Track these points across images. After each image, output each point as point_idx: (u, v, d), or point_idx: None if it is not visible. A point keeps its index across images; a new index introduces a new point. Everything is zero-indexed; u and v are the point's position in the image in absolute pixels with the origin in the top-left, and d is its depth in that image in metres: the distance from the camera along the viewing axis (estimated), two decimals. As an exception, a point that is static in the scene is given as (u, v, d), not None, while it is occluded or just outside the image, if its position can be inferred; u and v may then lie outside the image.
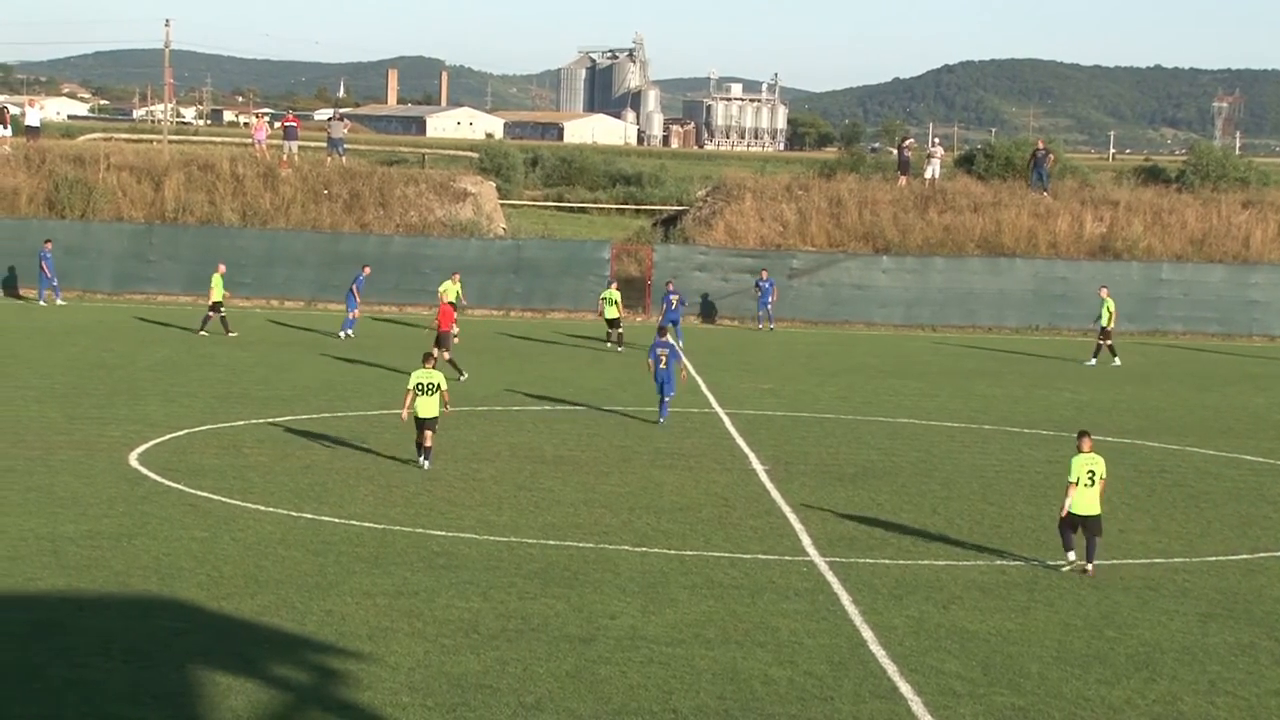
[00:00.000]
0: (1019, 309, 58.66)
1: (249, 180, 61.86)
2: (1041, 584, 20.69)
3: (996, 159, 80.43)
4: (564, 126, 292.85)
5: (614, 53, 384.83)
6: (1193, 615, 19.40)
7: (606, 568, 20.74)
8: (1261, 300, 59.08)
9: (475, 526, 22.93)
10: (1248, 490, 27.96)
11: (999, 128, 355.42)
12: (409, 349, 45.71)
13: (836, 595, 19.77)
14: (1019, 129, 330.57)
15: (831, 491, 26.46)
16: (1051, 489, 27.38)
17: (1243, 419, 37.23)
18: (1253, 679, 16.96)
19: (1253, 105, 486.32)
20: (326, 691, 15.63)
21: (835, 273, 58.54)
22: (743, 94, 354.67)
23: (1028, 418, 35.98)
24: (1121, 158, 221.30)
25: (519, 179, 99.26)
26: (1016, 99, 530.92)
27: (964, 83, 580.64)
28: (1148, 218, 62.71)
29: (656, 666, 16.61)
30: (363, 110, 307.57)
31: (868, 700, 15.82)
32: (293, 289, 57.98)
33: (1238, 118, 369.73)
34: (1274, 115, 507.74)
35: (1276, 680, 16.95)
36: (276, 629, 17.57)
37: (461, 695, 15.52)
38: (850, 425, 34.10)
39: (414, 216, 62.28)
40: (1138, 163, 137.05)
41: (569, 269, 59.27)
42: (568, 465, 28.06)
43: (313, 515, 23.24)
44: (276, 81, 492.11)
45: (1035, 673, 16.87)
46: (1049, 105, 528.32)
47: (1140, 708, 15.95)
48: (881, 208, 62.42)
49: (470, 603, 18.80)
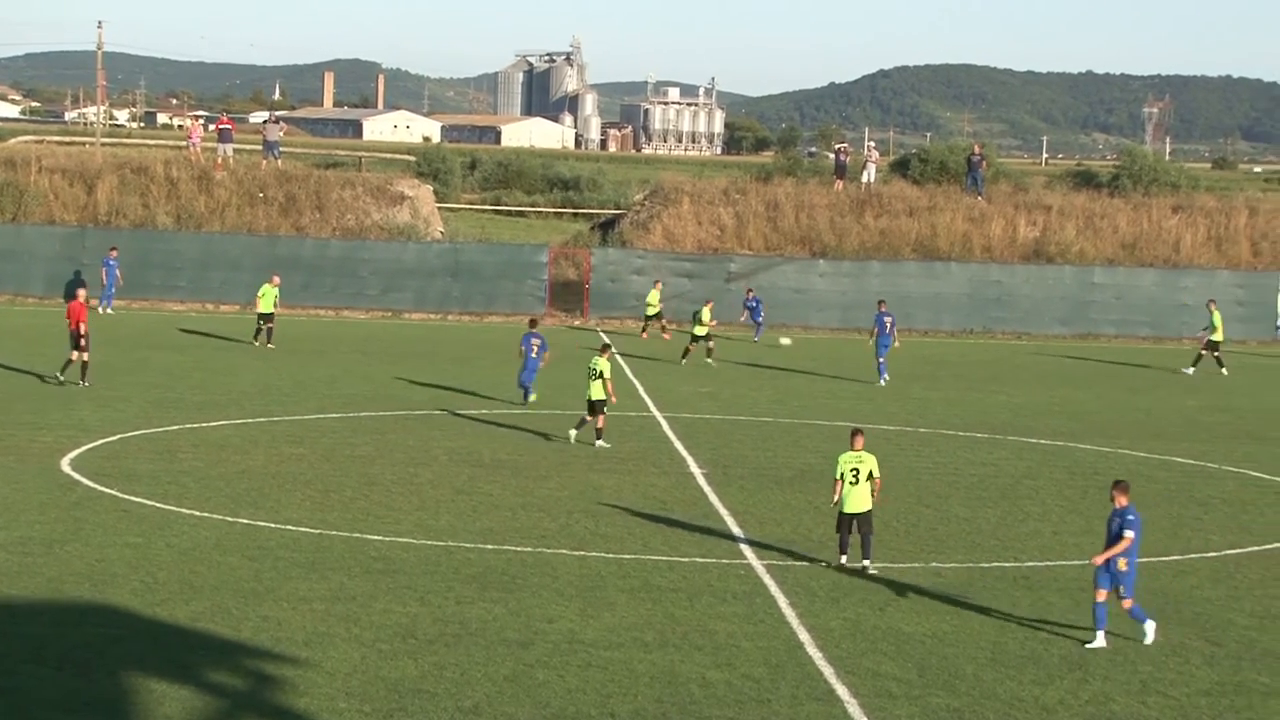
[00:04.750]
0: (954, 312, 59.07)
1: (183, 183, 61.42)
2: (976, 586, 20.84)
3: (931, 163, 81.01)
4: (501, 130, 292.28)
5: (551, 56, 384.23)
6: (1125, 616, 19.57)
7: (544, 572, 20.71)
8: (1192, 304, 59.61)
9: (413, 531, 22.85)
10: (1178, 492, 28.26)
11: (934, 132, 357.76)
12: (345, 353, 45.55)
13: (774, 598, 19.84)
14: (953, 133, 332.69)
15: (769, 495, 26.54)
16: (987, 491, 27.62)
17: (1174, 421, 37.64)
18: (1183, 679, 17.15)
19: (1182, 110, 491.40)
20: (262, 697, 15.53)
21: (772, 276, 58.74)
22: (680, 98, 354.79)
23: (963, 421, 36.23)
24: (1054, 162, 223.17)
25: (456, 182, 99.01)
26: (951, 104, 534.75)
27: (899, 87, 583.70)
28: (1080, 222, 63.32)
29: (594, 670, 16.60)
30: (298, 113, 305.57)
31: (805, 702, 15.88)
32: (228, 293, 57.57)
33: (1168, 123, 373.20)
34: (1204, 121, 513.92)
35: (1207, 680, 17.14)
36: (212, 635, 17.45)
37: (399, 700, 15.46)
38: (788, 429, 34.21)
39: (351, 220, 62.02)
40: (1070, 167, 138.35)
41: (507, 272, 59.21)
42: (506, 469, 28.02)
43: (249, 520, 23.09)
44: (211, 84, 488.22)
45: (970, 674, 16.99)
46: (983, 110, 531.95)
47: (1073, 708, 16.09)
48: (818, 212, 62.71)
49: (408, 607, 18.73)
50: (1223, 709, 16.20)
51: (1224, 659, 17.92)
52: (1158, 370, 49.52)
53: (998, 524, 24.93)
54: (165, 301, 57.59)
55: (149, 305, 57.05)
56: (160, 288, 57.90)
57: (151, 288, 57.65)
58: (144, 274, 57.32)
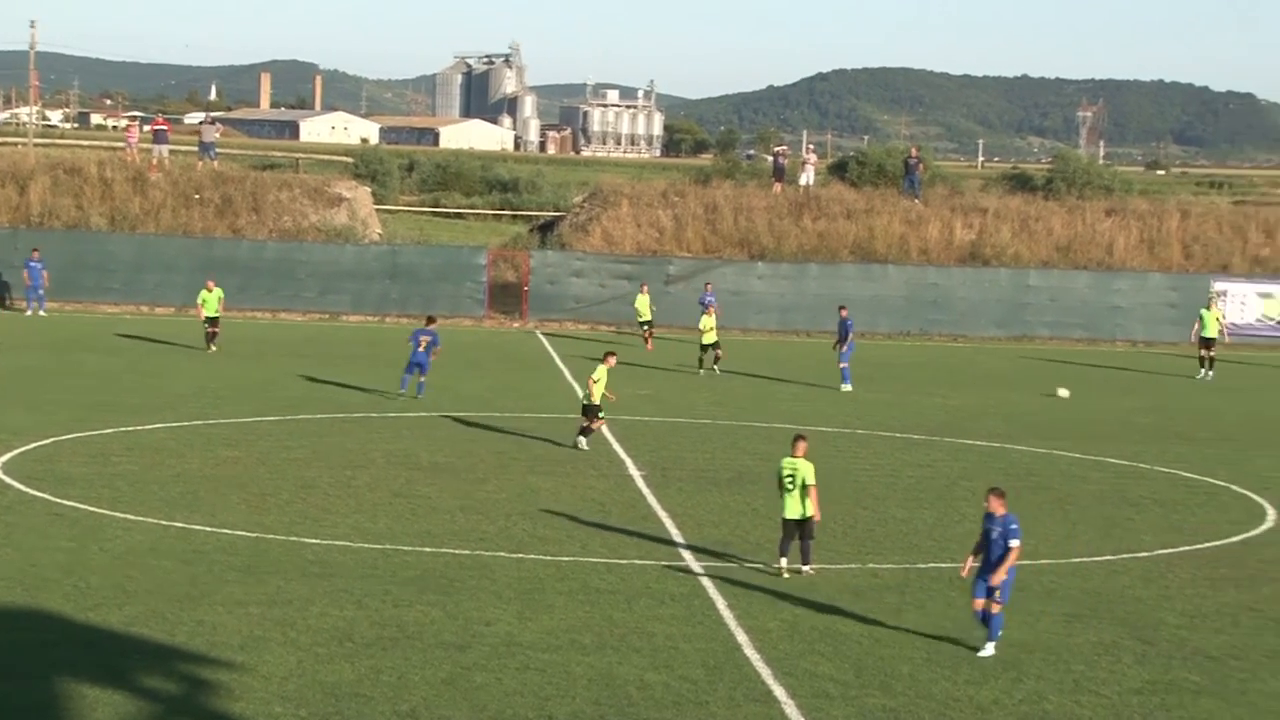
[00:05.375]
0: (891, 315, 59.36)
1: (118, 184, 60.88)
2: (913, 586, 20.95)
3: (869, 166, 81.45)
4: (440, 132, 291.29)
5: (490, 59, 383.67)
6: (1058, 616, 19.75)
7: (483, 574, 20.67)
8: (1124, 306, 60.34)
9: (350, 534, 22.74)
10: (1111, 493, 28.52)
11: (871, 135, 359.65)
12: (282, 356, 45.29)
13: (712, 600, 19.87)
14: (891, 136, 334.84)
15: (707, 497, 26.59)
16: (923, 493, 27.79)
17: (1107, 422, 37.98)
18: (1115, 677, 17.31)
19: (1115, 115, 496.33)
20: (197, 702, 15.41)
21: (711, 278, 58.80)
22: (619, 100, 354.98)
23: (901, 423, 36.42)
24: (990, 166, 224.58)
25: (395, 184, 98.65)
26: (888, 107, 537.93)
27: (837, 90, 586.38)
28: (1015, 225, 63.80)
29: (532, 673, 16.58)
30: (235, 114, 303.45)
31: (742, 704, 15.92)
32: (163, 295, 57.12)
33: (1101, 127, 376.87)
34: (1136, 124, 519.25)
35: (1138, 679, 17.31)
36: (146, 640, 17.30)
37: (335, 704, 15.38)
38: (726, 431, 34.29)
39: (288, 221, 61.65)
40: (1005, 170, 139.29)
41: (445, 275, 59.03)
42: (444, 472, 27.93)
43: (184, 524, 22.90)
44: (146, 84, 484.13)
45: (906, 674, 17.08)
46: (920, 113, 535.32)
47: (1007, 707, 16.21)
48: (757, 214, 62.88)
49: (345, 611, 18.64)
50: (1154, 707, 16.37)
51: (1155, 658, 18.11)
52: (1091, 372, 49.96)
53: (934, 525, 25.08)
54: (99, 303, 57.05)
55: (82, 307, 56.52)
56: (94, 289, 57.37)
57: (85, 289, 57.13)
58: (78, 276, 56.81)
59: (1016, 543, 17.54)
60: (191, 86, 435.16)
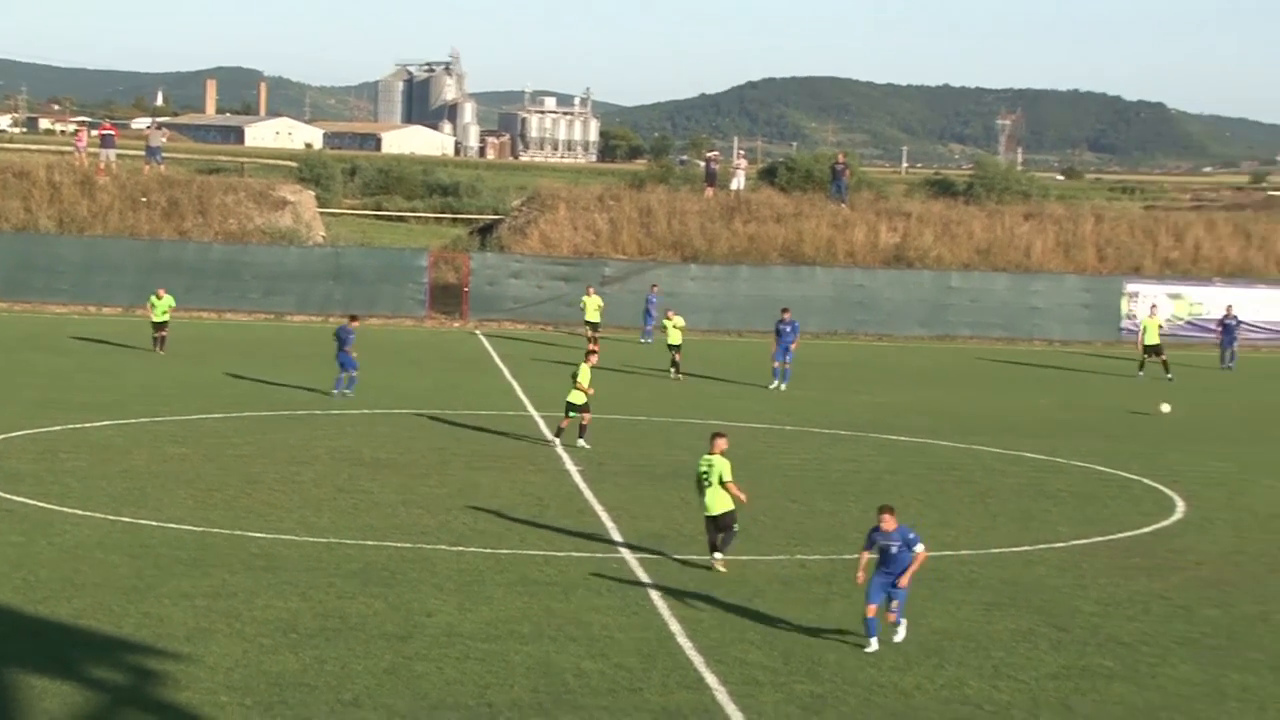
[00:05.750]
0: (820, 315, 59.57)
1: (66, 188, 60.27)
2: (839, 577, 21.05)
3: (798, 172, 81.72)
4: (382, 137, 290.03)
5: (431, 66, 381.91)
6: (979, 604, 19.92)
7: (424, 567, 20.61)
8: (1042, 307, 60.87)
9: (295, 528, 22.61)
10: (1029, 486, 28.77)
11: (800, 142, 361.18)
12: (228, 355, 44.96)
13: (647, 590, 19.90)
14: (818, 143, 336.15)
15: (643, 491, 26.61)
16: (850, 486, 27.93)
17: (1025, 418, 38.31)
18: (1032, 663, 17.48)
19: (1033, 123, 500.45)
20: (144, 692, 15.28)
21: (646, 280, 58.86)
22: (556, 107, 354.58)
23: (828, 419, 36.59)
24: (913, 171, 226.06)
25: (338, 188, 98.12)
26: (816, 114, 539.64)
27: (767, 98, 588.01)
28: (938, 229, 64.26)
29: (472, 662, 16.55)
30: (181, 119, 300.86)
31: (675, 690, 15.96)
32: (111, 295, 56.58)
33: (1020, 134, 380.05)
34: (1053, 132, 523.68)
35: (1054, 664, 17.48)
36: (93, 632, 17.14)
37: (280, 693, 15.30)
38: (661, 427, 34.33)
39: (233, 224, 61.20)
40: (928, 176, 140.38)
41: (387, 276, 58.78)
42: (387, 468, 27.82)
43: (131, 519, 22.70)
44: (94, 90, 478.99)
45: (833, 661, 17.17)
46: (846, 121, 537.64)
47: (930, 692, 16.33)
48: (689, 218, 62.99)
49: (289, 603, 18.54)
50: (1069, 691, 16.54)
51: (1070, 644, 18.29)
52: (1010, 370, 50.37)
53: (860, 518, 25.16)
54: (48, 304, 56.42)
55: (31, 308, 55.88)
56: (43, 290, 56.75)
57: (34, 290, 56.53)
58: (26, 277, 56.22)
59: (922, 547, 17.48)
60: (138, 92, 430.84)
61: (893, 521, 17.40)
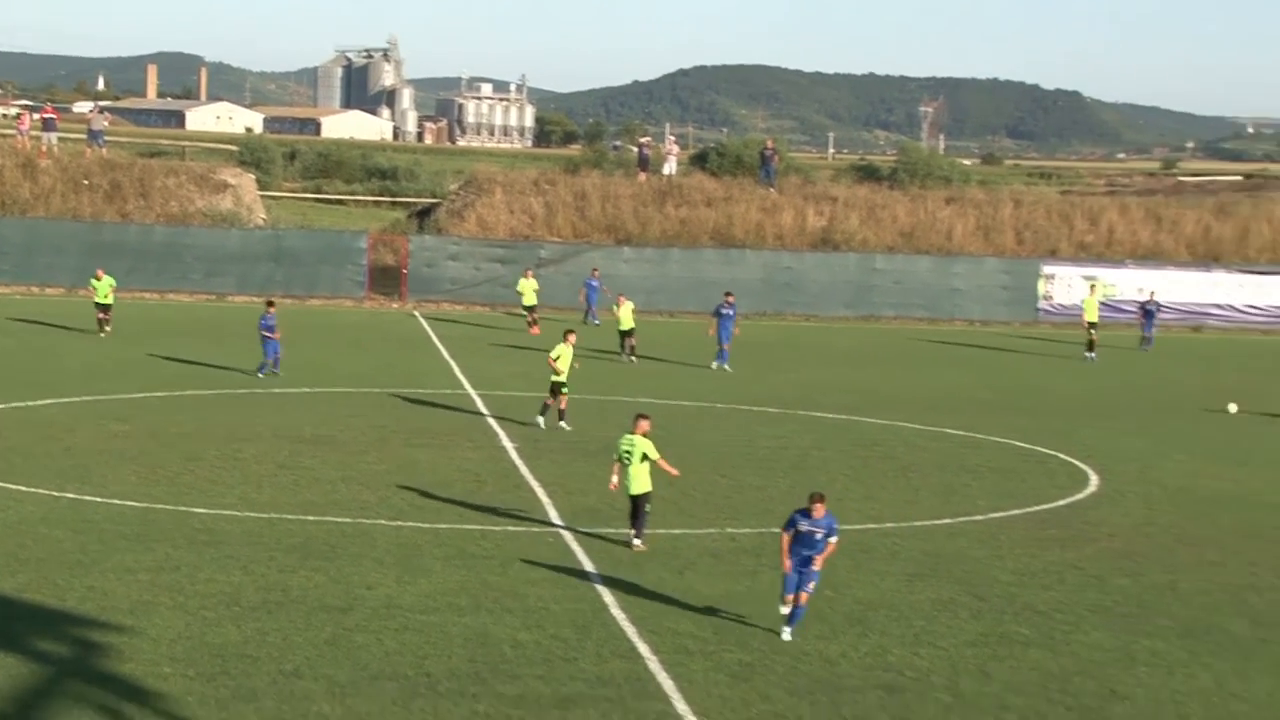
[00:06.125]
0: (750, 296, 59.57)
1: (7, 170, 59.42)
2: (768, 550, 21.14)
3: (728, 157, 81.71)
4: (321, 122, 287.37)
5: (369, 52, 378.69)
6: (901, 575, 20.09)
7: (364, 541, 20.54)
8: (962, 288, 61.31)
9: (237, 504, 22.46)
10: (950, 461, 29.02)
11: (730, 128, 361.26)
12: (169, 335, 44.54)
13: (581, 563, 19.94)
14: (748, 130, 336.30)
15: (577, 467, 26.62)
16: (778, 462, 28.07)
17: (947, 396, 38.62)
18: (952, 631, 17.66)
19: (955, 110, 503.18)
20: (88, 664, 15.15)
21: (581, 263, 58.81)
22: (493, 93, 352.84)
23: (757, 397, 36.72)
24: (840, 157, 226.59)
25: (278, 171, 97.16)
26: (746, 102, 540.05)
27: (698, 86, 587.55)
28: (863, 212, 64.54)
29: (411, 633, 16.53)
30: (122, 104, 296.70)
31: (609, 660, 16.01)
32: (53, 276, 55.87)
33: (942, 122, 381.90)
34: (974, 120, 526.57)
35: (973, 633, 17.67)
36: (37, 605, 16.97)
37: (222, 664, 15.22)
38: (595, 405, 34.33)
39: (175, 207, 60.58)
40: (854, 162, 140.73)
41: (327, 258, 58.37)
42: (327, 445, 27.68)
43: (75, 495, 22.48)
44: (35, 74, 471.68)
45: (761, 631, 17.26)
46: (775, 108, 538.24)
47: (854, 659, 16.47)
48: (623, 202, 62.95)
49: (231, 576, 18.43)
50: (987, 658, 16.72)
51: (988, 613, 18.49)
52: (932, 349, 50.73)
53: (788, 492, 25.31)
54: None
55: (-26, 288, 55.07)
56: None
57: (-24, 271, 55.66)
58: None
59: (836, 539, 17.44)
60: (80, 77, 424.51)
61: (823, 510, 17.29)
